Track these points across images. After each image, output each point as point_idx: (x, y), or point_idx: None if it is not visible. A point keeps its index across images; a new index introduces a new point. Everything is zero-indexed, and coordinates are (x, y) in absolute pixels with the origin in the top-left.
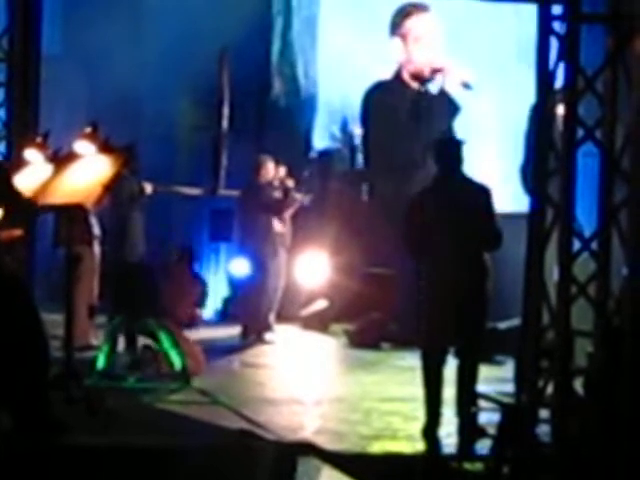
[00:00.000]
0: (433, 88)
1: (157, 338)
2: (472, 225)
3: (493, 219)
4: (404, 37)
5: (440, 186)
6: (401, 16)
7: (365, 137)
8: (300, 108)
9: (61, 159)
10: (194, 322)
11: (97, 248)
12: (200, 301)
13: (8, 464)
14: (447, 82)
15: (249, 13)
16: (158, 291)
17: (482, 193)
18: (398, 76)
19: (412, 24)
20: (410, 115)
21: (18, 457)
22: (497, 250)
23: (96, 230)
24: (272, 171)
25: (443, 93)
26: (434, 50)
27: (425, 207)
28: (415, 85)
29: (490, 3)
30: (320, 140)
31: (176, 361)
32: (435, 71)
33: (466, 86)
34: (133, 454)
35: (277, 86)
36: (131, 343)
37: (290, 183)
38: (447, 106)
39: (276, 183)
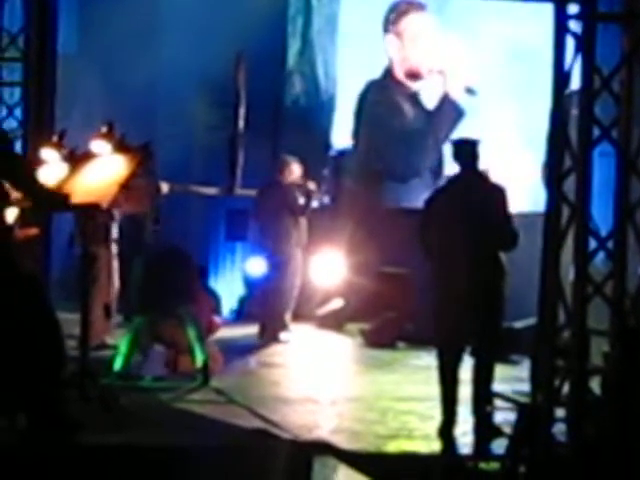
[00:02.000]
0: (430, 89)
1: (184, 329)
2: (488, 224)
3: (509, 218)
4: (399, 35)
5: (456, 185)
6: (396, 13)
7: (356, 144)
8: (320, 107)
9: (77, 158)
10: (213, 330)
11: (115, 248)
12: (217, 310)
13: (23, 462)
14: (449, 86)
15: (266, 13)
16: (194, 275)
17: (498, 192)
18: (390, 74)
19: (408, 22)
20: (413, 121)
21: (33, 455)
22: (513, 250)
23: (114, 230)
24: (297, 172)
25: (447, 98)
26: (431, 50)
27: (441, 206)
28: (410, 84)
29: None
30: (341, 139)
31: (198, 357)
32: (433, 72)
33: (470, 91)
34: (148, 453)
35: (296, 85)
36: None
37: (312, 186)
38: (451, 112)
39: (298, 181)
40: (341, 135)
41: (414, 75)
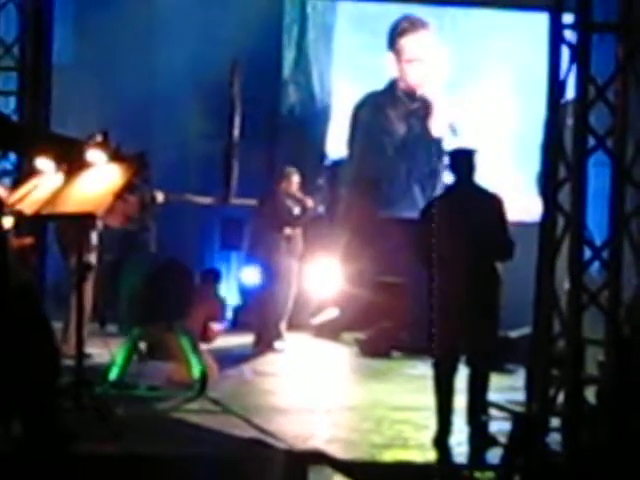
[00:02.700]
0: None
1: (177, 341)
2: (484, 234)
3: (505, 228)
4: (398, 54)
5: (452, 195)
6: (397, 31)
7: (351, 155)
8: (315, 117)
9: (72, 168)
10: (210, 337)
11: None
12: (218, 318)
13: (17, 471)
14: (433, 120)
15: (261, 22)
16: (191, 290)
17: (494, 202)
18: (392, 88)
19: (406, 43)
20: (401, 144)
21: (28, 464)
22: (510, 259)
23: (94, 240)
24: (296, 184)
25: (430, 137)
26: (425, 75)
27: (437, 216)
28: (407, 101)
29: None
30: (336, 149)
31: (195, 367)
32: (424, 99)
33: (452, 130)
34: (143, 462)
35: (292, 94)
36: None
37: (310, 203)
38: (431, 150)
39: (296, 192)
40: (336, 145)
41: (410, 95)
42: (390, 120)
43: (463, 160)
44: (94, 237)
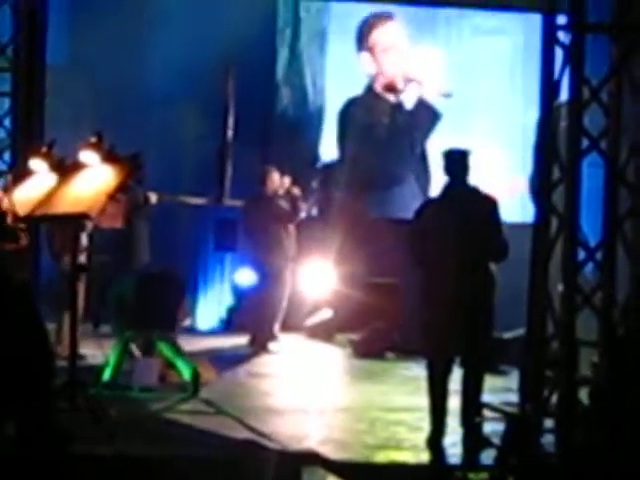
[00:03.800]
0: (409, 98)
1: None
2: (478, 235)
3: (500, 229)
4: (372, 50)
5: (446, 196)
6: (366, 29)
7: (342, 158)
8: (308, 118)
9: (66, 169)
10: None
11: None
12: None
13: (13, 472)
14: (425, 92)
15: (255, 24)
16: (179, 303)
17: (488, 203)
18: (370, 90)
19: (377, 35)
20: (389, 130)
21: (23, 466)
22: (503, 260)
23: (84, 241)
24: (277, 181)
25: (422, 103)
26: (404, 59)
27: (431, 217)
28: (390, 97)
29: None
30: (329, 150)
31: (185, 370)
32: (409, 81)
33: (446, 95)
34: (137, 463)
35: (285, 96)
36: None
37: (296, 191)
38: (427, 115)
39: (281, 192)
40: (329, 146)
41: (392, 88)
42: (376, 114)
43: (457, 161)
44: (84, 238)
